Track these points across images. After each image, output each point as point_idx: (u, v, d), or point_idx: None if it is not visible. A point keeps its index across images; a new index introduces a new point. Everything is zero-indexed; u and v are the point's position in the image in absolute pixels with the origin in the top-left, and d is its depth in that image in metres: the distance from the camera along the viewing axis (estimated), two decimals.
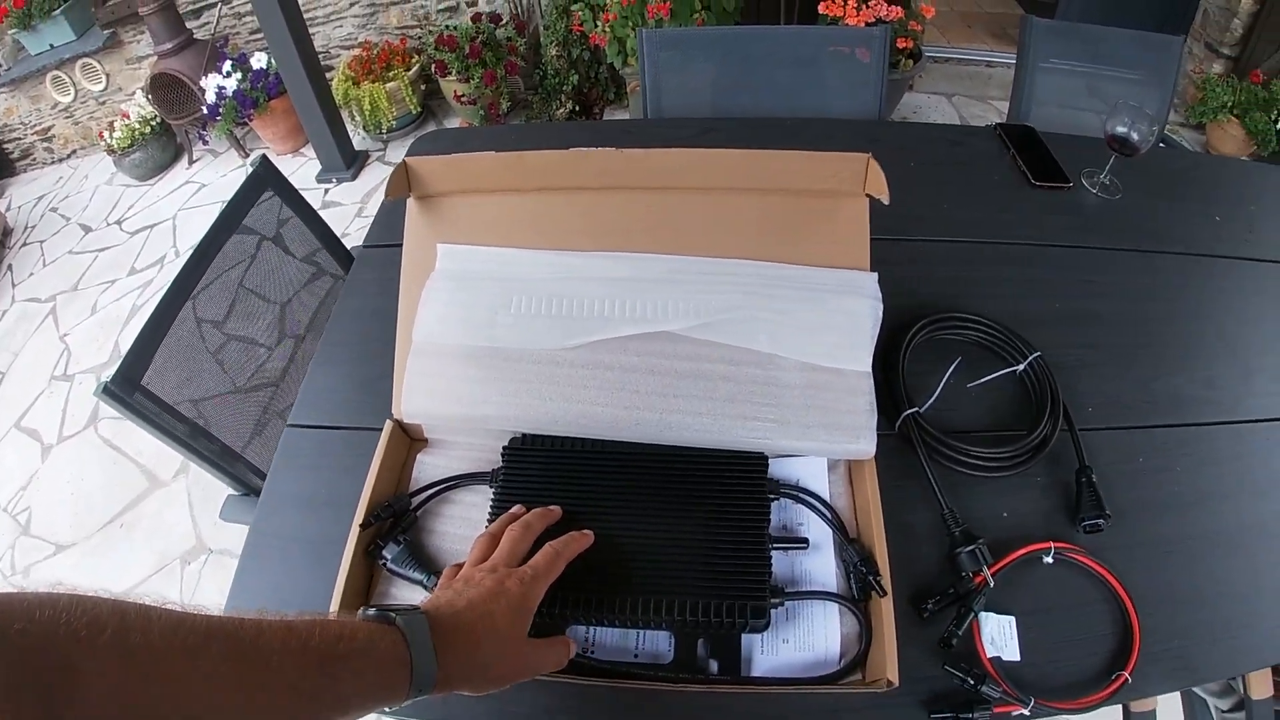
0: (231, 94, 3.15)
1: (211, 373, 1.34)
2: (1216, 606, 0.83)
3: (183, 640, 0.44)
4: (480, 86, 3.13)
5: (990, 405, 0.98)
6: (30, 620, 0.38)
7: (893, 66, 3.09)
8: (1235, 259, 1.25)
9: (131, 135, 3.37)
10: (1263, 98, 3.39)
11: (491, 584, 0.62)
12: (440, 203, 0.85)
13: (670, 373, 0.75)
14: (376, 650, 0.52)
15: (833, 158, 0.77)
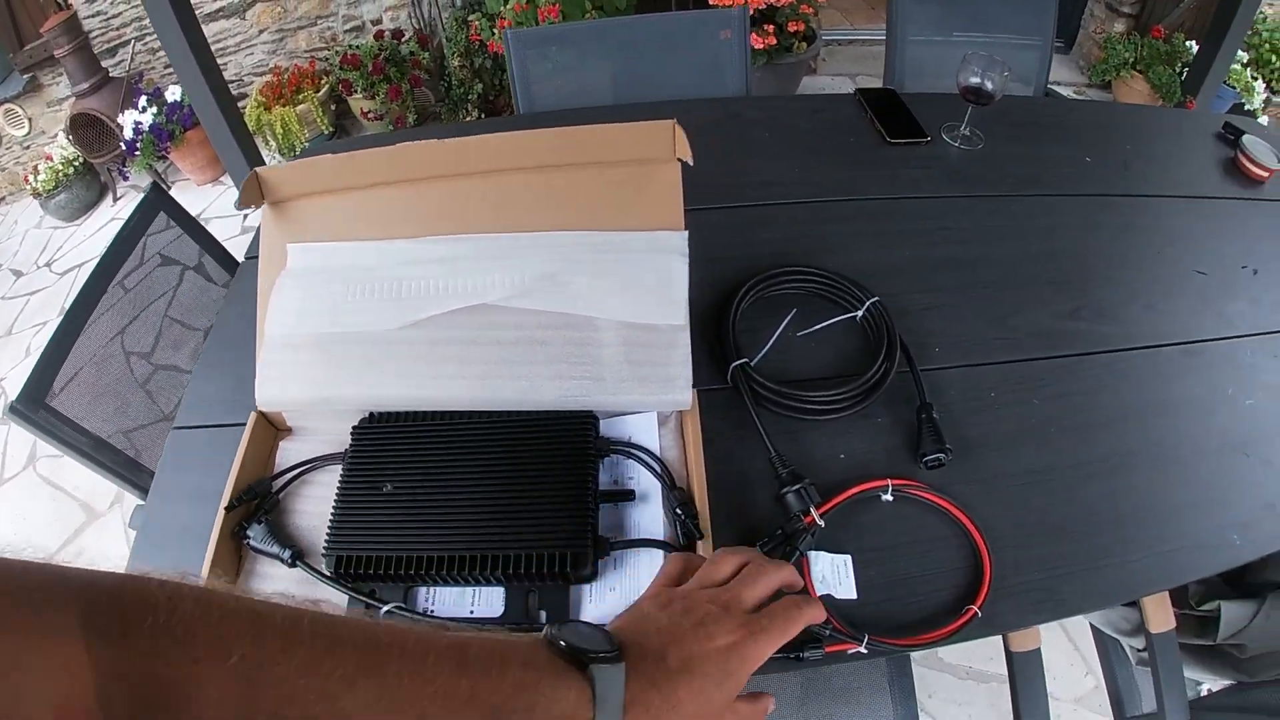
0: (148, 128, 3.16)
1: (140, 403, 1.40)
2: (1080, 537, 0.84)
3: (326, 676, 0.38)
4: (386, 102, 3.18)
5: (831, 353, 1.01)
6: (138, 621, 0.35)
7: (786, 50, 3.16)
8: (1106, 196, 1.30)
9: (55, 177, 3.36)
10: (1165, 51, 3.46)
11: (719, 637, 0.50)
12: (289, 207, 0.90)
13: (494, 342, 0.79)
14: (556, 708, 0.42)
15: (641, 127, 0.81)
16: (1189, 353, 1.05)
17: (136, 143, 3.18)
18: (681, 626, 0.50)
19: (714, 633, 0.50)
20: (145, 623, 0.35)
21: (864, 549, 0.81)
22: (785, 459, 0.85)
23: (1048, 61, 1.94)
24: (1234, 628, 1.04)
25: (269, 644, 0.37)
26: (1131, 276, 1.15)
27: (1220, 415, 0.97)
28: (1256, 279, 1.17)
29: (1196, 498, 0.89)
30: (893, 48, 1.83)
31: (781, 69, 3.25)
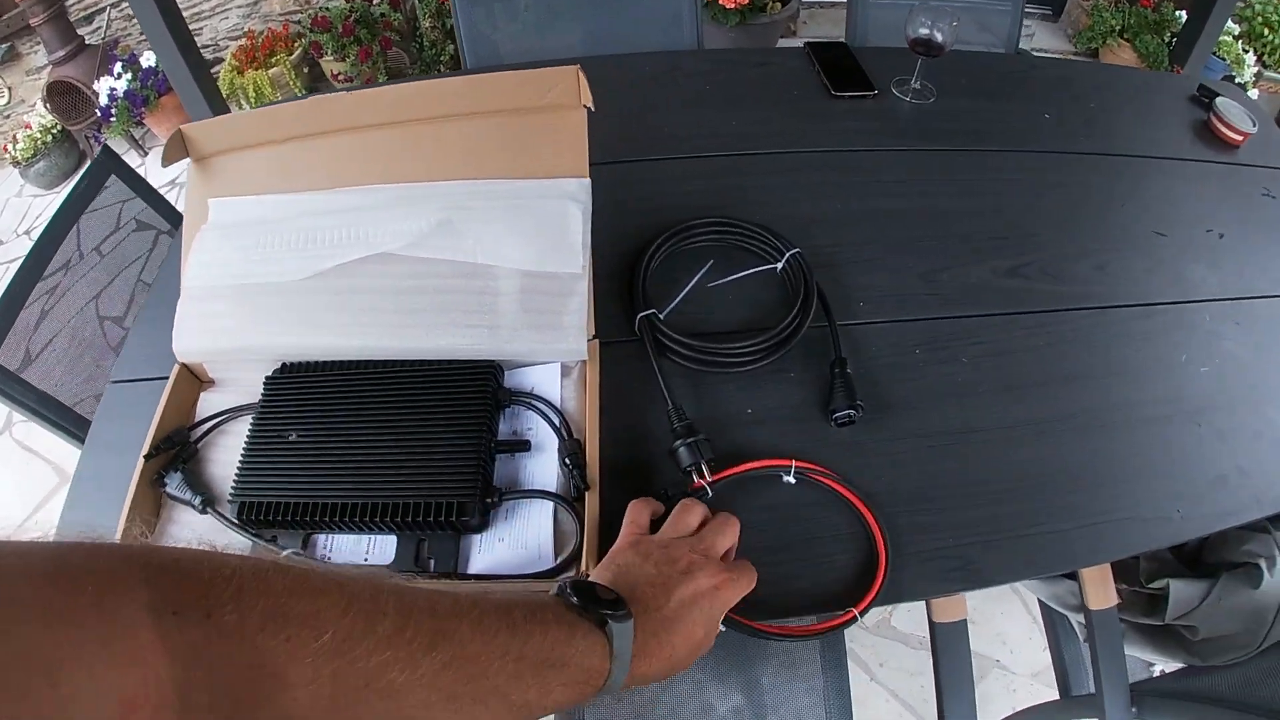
0: (123, 94, 3.14)
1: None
2: (1002, 503, 0.81)
3: (407, 644, 0.39)
4: (356, 64, 3.15)
5: (747, 306, 0.98)
6: (216, 599, 0.33)
7: (760, 10, 3.12)
8: (1064, 153, 1.26)
9: (34, 145, 3.35)
10: (1153, 20, 3.42)
11: (704, 582, 0.57)
12: (212, 163, 0.90)
13: (394, 291, 0.80)
14: (586, 661, 0.47)
15: (545, 73, 0.80)
16: (1141, 315, 1.01)
17: (111, 109, 3.16)
18: (670, 576, 0.56)
19: (699, 579, 0.57)
20: (228, 602, 0.33)
21: (755, 524, 0.76)
22: (684, 412, 0.82)
23: (1018, 20, 1.90)
24: (1183, 608, 1.00)
25: (357, 618, 0.37)
26: (1083, 235, 1.11)
27: (1171, 382, 0.93)
28: (1221, 243, 1.13)
29: (1138, 467, 0.85)
30: (855, 3, 1.79)
31: (755, 29, 3.20)
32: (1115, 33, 3.53)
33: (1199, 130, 1.37)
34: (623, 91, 1.38)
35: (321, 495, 0.73)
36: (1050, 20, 4.06)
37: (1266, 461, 0.87)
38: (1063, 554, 0.79)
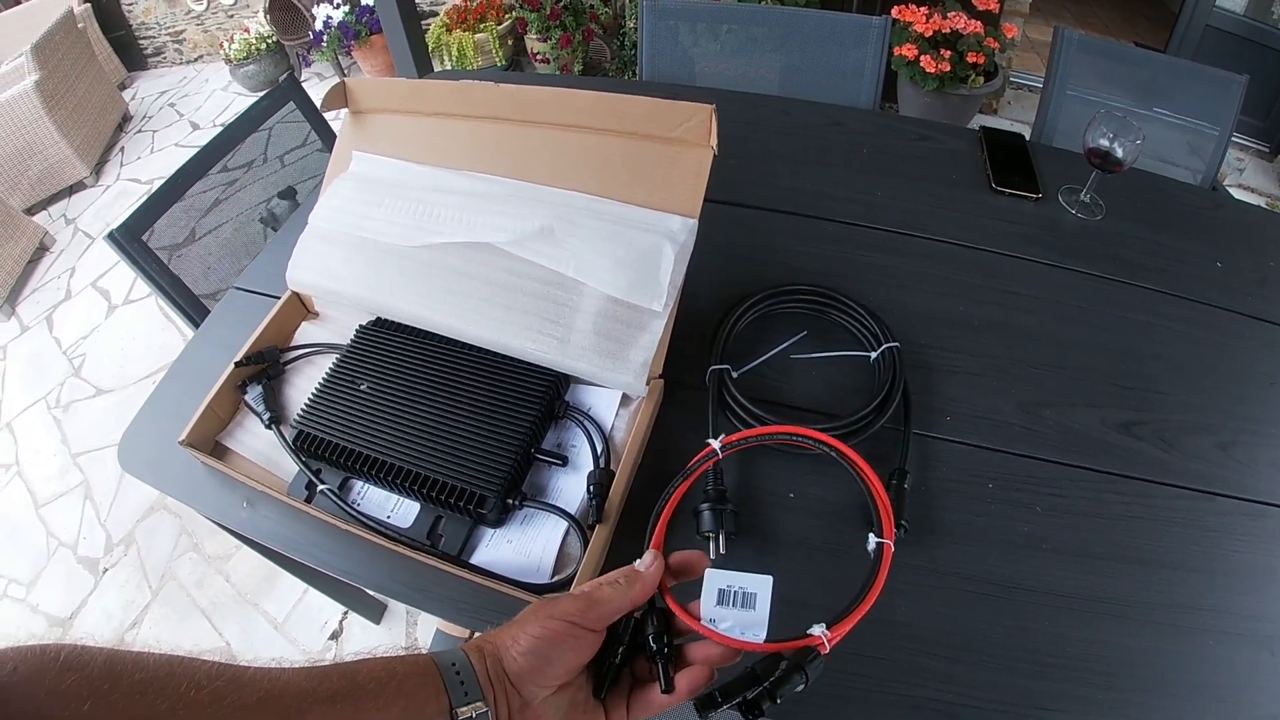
0: (336, 24, 3.37)
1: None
2: (1020, 674, 0.73)
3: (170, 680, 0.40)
4: (556, 47, 3.26)
5: (826, 388, 0.94)
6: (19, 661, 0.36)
7: (961, 80, 3.02)
8: (1223, 309, 1.12)
9: (248, 49, 3.64)
10: None
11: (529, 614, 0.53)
12: (365, 118, 0.97)
13: (485, 280, 0.82)
14: (402, 661, 0.48)
15: (681, 107, 0.80)
16: (1253, 514, 0.87)
17: (324, 35, 3.40)
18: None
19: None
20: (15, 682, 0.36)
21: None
22: (722, 477, 0.79)
23: (1221, 153, 1.77)
24: None
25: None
26: (1216, 406, 0.98)
27: (1259, 597, 0.81)
28: None
29: (1189, 682, 0.74)
30: (1047, 97, 1.70)
31: (953, 100, 3.09)
32: None
33: None
34: (777, 136, 1.36)
35: (369, 448, 0.77)
36: (1266, 158, 3.75)
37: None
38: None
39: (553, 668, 0.50)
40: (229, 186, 1.57)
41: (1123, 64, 1.78)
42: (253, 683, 0.42)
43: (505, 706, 0.48)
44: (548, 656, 0.50)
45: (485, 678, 0.48)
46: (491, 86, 0.87)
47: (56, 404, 2.44)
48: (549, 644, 0.50)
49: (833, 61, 1.66)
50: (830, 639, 0.53)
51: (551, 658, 0.50)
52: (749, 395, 0.88)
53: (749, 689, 0.51)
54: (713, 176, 0.83)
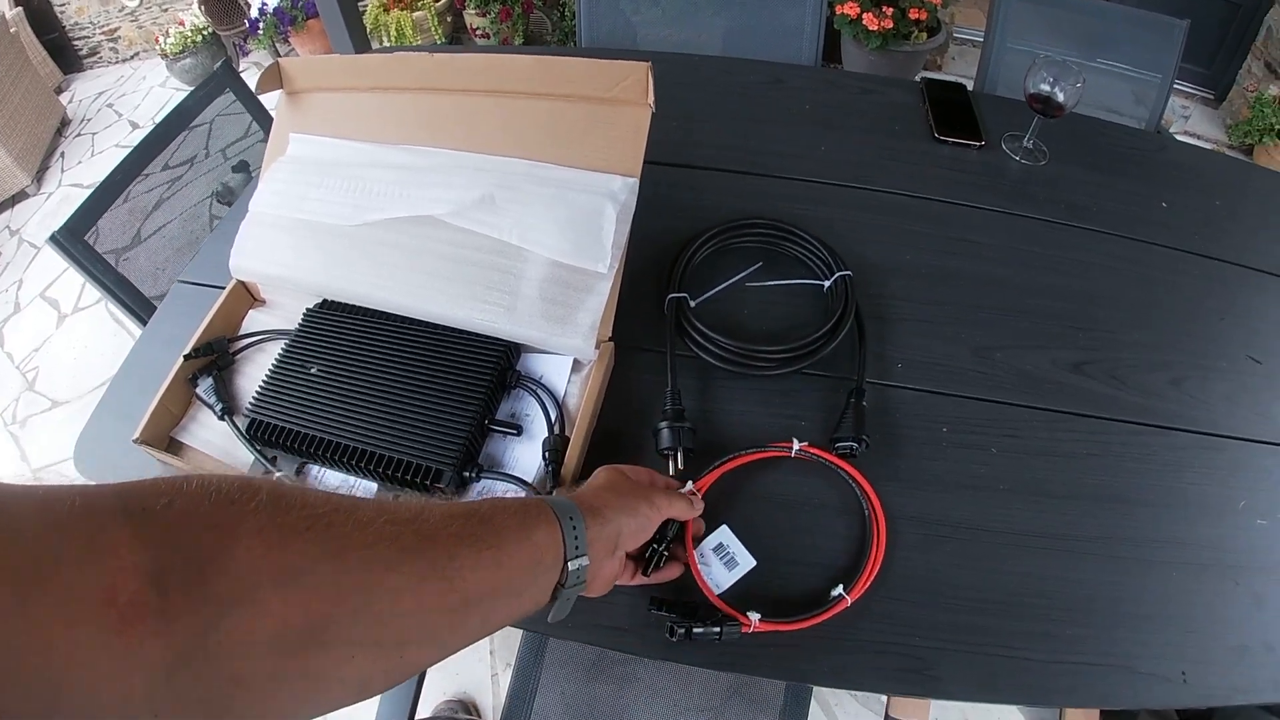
0: (272, 10, 3.30)
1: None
2: (987, 615, 0.75)
3: (337, 501, 0.43)
4: (496, 21, 3.24)
5: (782, 317, 0.96)
6: (178, 493, 0.37)
7: (904, 37, 3.02)
8: (1171, 249, 1.15)
9: (184, 41, 3.55)
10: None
11: (631, 496, 0.65)
12: (301, 98, 0.95)
13: (430, 254, 0.82)
14: (529, 511, 0.53)
15: (618, 66, 0.80)
16: (1206, 446, 0.90)
17: (260, 23, 3.33)
18: (607, 497, 0.63)
19: (629, 495, 0.65)
20: (176, 502, 0.37)
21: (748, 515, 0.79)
22: (680, 398, 0.83)
23: (1164, 98, 1.80)
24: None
25: (292, 491, 0.41)
26: (1166, 343, 1.01)
27: (1219, 529, 0.83)
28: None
29: (1151, 614, 0.76)
30: (988, 50, 1.71)
31: (897, 56, 3.10)
32: (1274, 131, 3.28)
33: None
34: (719, 96, 1.36)
35: (323, 431, 0.77)
36: (1211, 105, 3.82)
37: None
38: (1030, 687, 0.72)
39: (640, 541, 0.66)
40: (173, 184, 1.54)
41: (1064, 11, 1.79)
42: (408, 523, 0.45)
43: (599, 562, 0.58)
44: (647, 533, 0.66)
45: (592, 537, 0.57)
46: (425, 56, 0.86)
47: (13, 420, 2.38)
48: (652, 526, 0.66)
49: (773, 21, 1.65)
50: (760, 627, 0.70)
51: (647, 535, 0.66)
52: (707, 323, 0.90)
53: (685, 615, 0.70)
54: (655, 138, 0.83)
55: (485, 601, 0.48)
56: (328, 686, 0.40)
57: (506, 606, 0.51)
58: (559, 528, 0.54)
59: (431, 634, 0.45)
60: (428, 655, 0.46)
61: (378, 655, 0.42)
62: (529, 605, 0.53)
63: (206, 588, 0.35)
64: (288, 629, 0.37)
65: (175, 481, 0.37)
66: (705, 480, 0.78)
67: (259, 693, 0.37)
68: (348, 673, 0.41)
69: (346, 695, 0.42)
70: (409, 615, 0.43)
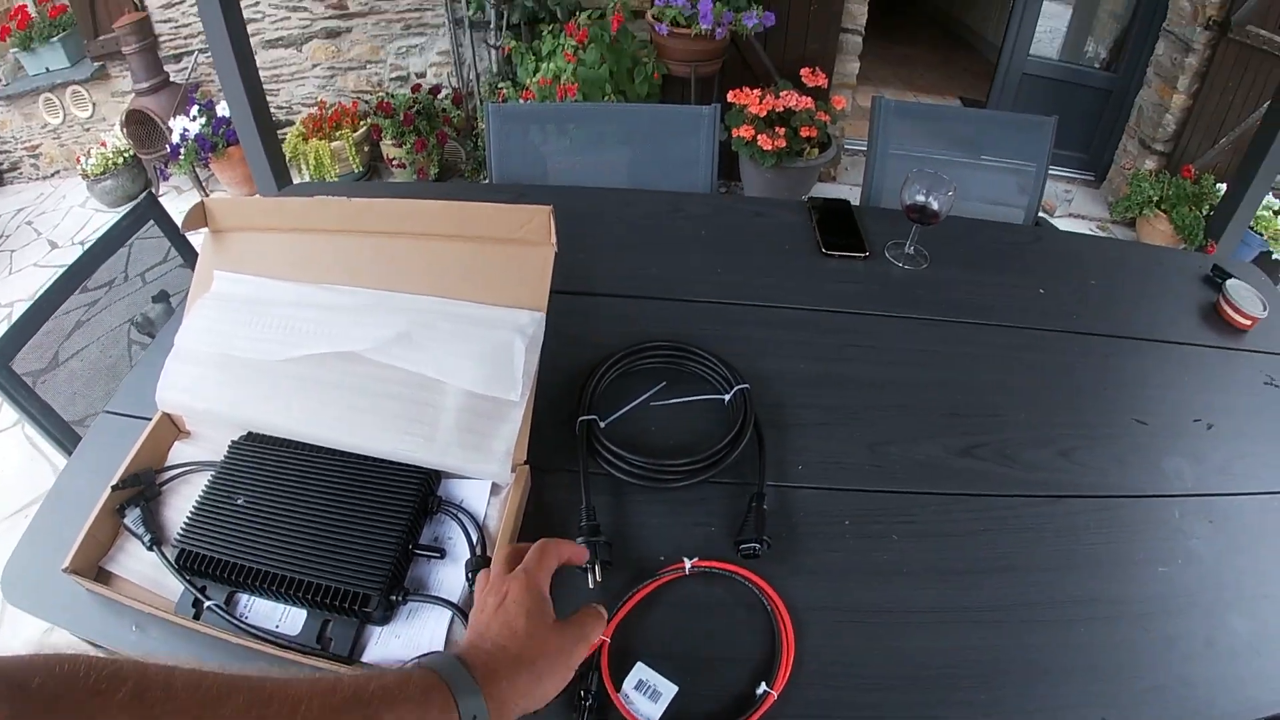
0: (193, 137, 3.36)
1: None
2: (892, 689, 0.77)
3: (204, 694, 0.43)
4: (412, 152, 3.38)
5: (688, 432, 1.01)
6: (50, 674, 0.38)
7: (797, 154, 3.22)
8: (1049, 330, 1.24)
9: (105, 163, 3.58)
10: (1192, 192, 3.40)
11: (494, 601, 0.65)
12: (225, 236, 1.00)
13: (352, 388, 0.86)
14: (411, 683, 0.51)
15: (522, 210, 0.87)
16: (1098, 508, 0.97)
17: (180, 148, 3.39)
18: (478, 624, 0.65)
19: (493, 602, 0.66)
20: (48, 684, 0.38)
21: (661, 630, 0.80)
22: (594, 513, 0.87)
23: (1040, 188, 1.94)
24: None
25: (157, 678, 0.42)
26: (1053, 419, 1.08)
27: (1123, 581, 0.89)
28: (1209, 434, 1.09)
29: (1066, 669, 0.80)
30: (872, 161, 1.84)
31: (792, 173, 3.31)
32: (1153, 203, 3.54)
33: (1206, 313, 1.34)
34: (622, 226, 1.44)
35: (251, 560, 0.79)
36: (1093, 186, 4.14)
37: (1215, 672, 0.81)
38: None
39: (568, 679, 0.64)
40: (91, 307, 1.54)
41: (941, 121, 1.96)
42: (272, 698, 0.45)
43: (497, 700, 0.56)
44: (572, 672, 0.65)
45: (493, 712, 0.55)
46: (345, 202, 0.92)
47: None
48: (577, 662, 0.65)
49: (671, 151, 1.77)
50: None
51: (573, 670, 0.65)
52: (616, 441, 0.95)
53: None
54: (562, 270, 0.90)
55: None
56: None
57: None
58: (454, 705, 0.52)
59: None
60: None
61: None
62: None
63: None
64: None
65: (50, 661, 0.39)
66: (610, 626, 0.79)
67: None
68: None
69: None
70: None
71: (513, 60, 3.38)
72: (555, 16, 3.30)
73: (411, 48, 3.73)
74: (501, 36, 3.42)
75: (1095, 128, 4.07)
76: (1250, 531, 0.97)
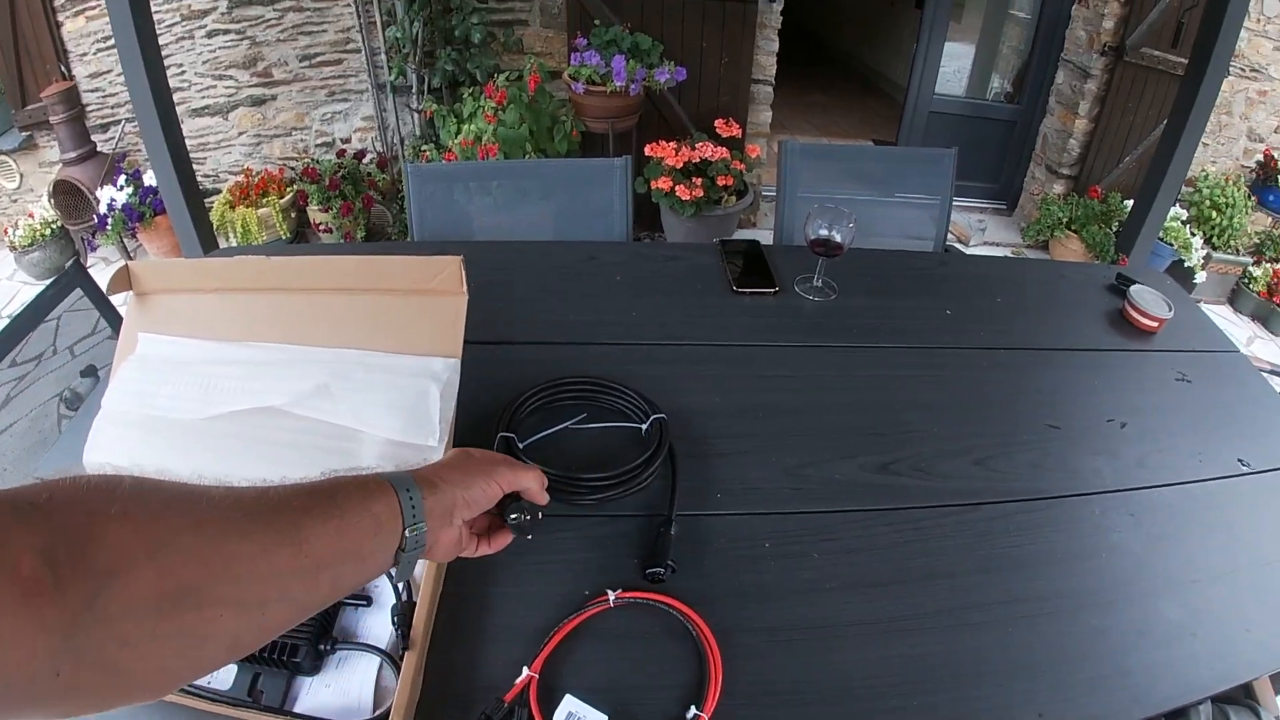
0: (120, 207, 3.33)
1: None
2: (824, 703, 0.78)
3: (192, 488, 0.51)
4: (338, 216, 3.41)
5: (605, 456, 1.03)
6: (55, 488, 0.43)
7: (715, 203, 3.36)
8: (957, 348, 1.30)
9: (33, 235, 3.51)
10: (1100, 211, 3.61)
11: (469, 470, 0.70)
12: (149, 299, 1.01)
13: (273, 442, 0.88)
14: (368, 486, 0.60)
15: (433, 261, 0.91)
16: (1019, 511, 1.00)
17: (108, 218, 3.35)
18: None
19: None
20: (56, 495, 0.43)
21: (585, 661, 0.81)
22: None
23: (945, 217, 2.04)
24: None
25: (157, 504, 0.48)
26: (965, 431, 1.13)
27: (1049, 579, 0.92)
28: (1123, 432, 1.14)
29: (999, 668, 0.82)
30: (781, 203, 1.91)
31: (711, 220, 3.44)
32: (1063, 225, 3.73)
33: (1114, 319, 1.42)
34: (538, 276, 1.48)
35: None
36: (1005, 214, 4.35)
37: (1151, 659, 0.84)
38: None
39: (477, 510, 0.70)
40: (19, 382, 1.52)
41: (846, 161, 2.07)
42: (255, 500, 0.53)
43: (437, 529, 0.64)
44: (484, 503, 0.70)
45: (429, 506, 0.62)
46: (264, 260, 0.95)
47: None
48: (489, 497, 0.70)
49: (587, 203, 1.84)
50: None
51: (484, 506, 0.71)
52: (534, 457, 0.98)
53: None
54: (479, 319, 0.94)
55: (333, 565, 0.55)
56: (202, 644, 0.47)
57: (354, 570, 0.58)
58: (396, 498, 0.60)
59: (288, 594, 0.52)
60: (287, 613, 0.53)
61: (242, 613, 0.49)
62: (373, 569, 0.60)
63: (88, 562, 0.41)
64: (163, 593, 0.44)
65: (51, 480, 0.44)
66: (538, 661, 0.79)
67: (143, 651, 0.44)
68: (218, 629, 0.47)
69: (220, 652, 0.49)
70: (266, 578, 0.50)
71: (435, 123, 3.47)
72: (475, 79, 3.40)
73: (336, 114, 3.79)
74: (423, 100, 3.51)
75: (1003, 158, 4.29)
76: (1173, 520, 1.02)
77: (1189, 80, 2.49)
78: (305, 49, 3.60)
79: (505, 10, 3.52)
